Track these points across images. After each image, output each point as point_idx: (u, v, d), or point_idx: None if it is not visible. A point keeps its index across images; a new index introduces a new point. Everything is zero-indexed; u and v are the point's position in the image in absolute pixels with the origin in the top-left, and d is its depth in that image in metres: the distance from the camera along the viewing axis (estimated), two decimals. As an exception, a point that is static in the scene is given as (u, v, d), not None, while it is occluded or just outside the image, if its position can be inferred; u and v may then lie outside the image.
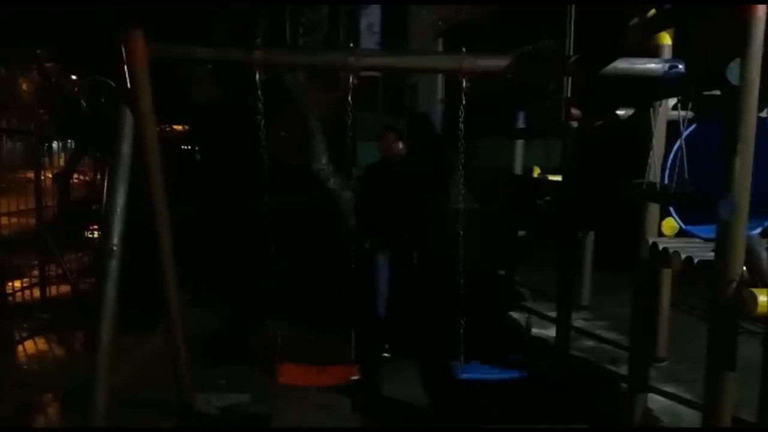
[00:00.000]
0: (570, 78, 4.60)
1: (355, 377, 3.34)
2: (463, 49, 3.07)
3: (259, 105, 3.10)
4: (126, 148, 3.14)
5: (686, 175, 2.73)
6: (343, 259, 3.39)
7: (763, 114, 3.00)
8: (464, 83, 3.06)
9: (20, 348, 4.95)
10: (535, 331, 5.12)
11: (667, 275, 4.01)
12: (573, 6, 5.08)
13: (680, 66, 3.05)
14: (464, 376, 3.37)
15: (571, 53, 4.80)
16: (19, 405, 3.91)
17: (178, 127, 10.94)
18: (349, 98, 3.21)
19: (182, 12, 6.90)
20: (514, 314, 5.56)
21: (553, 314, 5.02)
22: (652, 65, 3.11)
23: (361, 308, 4.15)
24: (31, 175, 6.30)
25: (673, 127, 3.07)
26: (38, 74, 8.77)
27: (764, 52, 2.28)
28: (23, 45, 8.43)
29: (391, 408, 3.83)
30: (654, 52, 3.23)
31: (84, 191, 8.18)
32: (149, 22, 3.08)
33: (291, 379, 3.21)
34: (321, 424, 3.69)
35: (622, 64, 3.09)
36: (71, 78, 8.44)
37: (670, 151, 3.04)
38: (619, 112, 3.67)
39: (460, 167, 3.30)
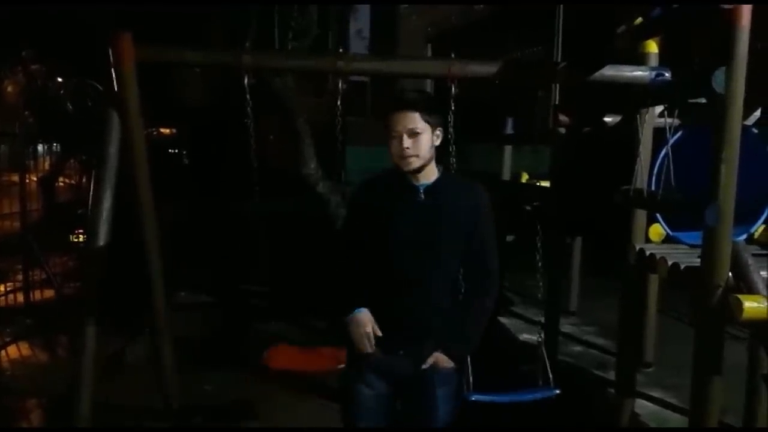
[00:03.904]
0: (558, 84, 4.63)
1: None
2: (452, 55, 3.09)
3: (248, 109, 3.09)
4: (113, 151, 3.12)
5: (673, 182, 2.75)
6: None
7: (749, 122, 3.04)
8: (453, 89, 3.06)
9: (4, 353, 4.88)
10: (523, 336, 5.13)
11: (653, 281, 4.04)
12: (561, 13, 5.12)
13: (666, 74, 3.09)
14: (475, 398, 2.73)
15: (559, 60, 4.84)
16: (3, 410, 3.86)
17: (166, 131, 10.87)
18: (339, 103, 3.20)
19: (171, 15, 6.87)
20: (504, 320, 5.57)
21: (542, 319, 5.03)
22: (638, 73, 3.15)
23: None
24: (15, 177, 6.23)
25: (659, 134, 3.10)
26: (24, 76, 8.68)
27: (749, 60, 2.31)
28: (9, 46, 8.34)
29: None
30: (641, 59, 3.26)
31: (69, 194, 8.10)
32: (138, 25, 3.07)
33: (282, 363, 3.18)
34: (314, 424, 3.66)
35: (610, 72, 3.12)
36: (57, 80, 8.36)
37: (657, 157, 3.06)
38: (607, 119, 3.69)
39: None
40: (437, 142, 2.13)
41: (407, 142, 2.06)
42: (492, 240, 2.18)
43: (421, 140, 2.07)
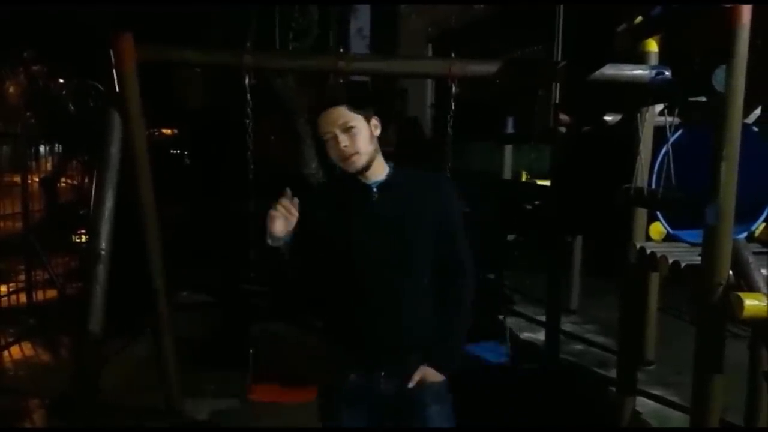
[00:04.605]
0: (558, 84, 4.64)
1: None
2: (453, 55, 3.09)
3: (248, 109, 3.09)
4: (114, 152, 3.14)
5: (673, 180, 2.76)
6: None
7: (749, 120, 3.04)
8: (454, 88, 3.07)
9: (6, 353, 4.89)
10: (525, 335, 5.14)
11: (654, 279, 4.04)
12: (561, 13, 5.13)
13: (666, 72, 3.09)
14: None
15: (560, 59, 4.84)
16: (5, 410, 3.87)
17: (167, 131, 10.88)
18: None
19: (171, 16, 6.88)
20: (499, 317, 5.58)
21: (542, 318, 5.04)
22: (638, 71, 3.15)
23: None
24: (17, 178, 6.24)
25: (660, 133, 3.10)
26: (26, 77, 8.70)
27: (749, 58, 2.31)
28: (10, 47, 8.36)
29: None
30: (641, 58, 3.27)
31: (71, 195, 8.11)
32: (138, 25, 3.07)
33: (263, 397, 3.20)
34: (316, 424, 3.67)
35: (610, 71, 3.13)
36: (59, 81, 8.38)
37: (658, 156, 3.07)
38: (607, 118, 3.70)
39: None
40: (377, 133, 1.92)
41: (344, 139, 1.85)
42: (461, 231, 2.00)
43: (356, 134, 1.86)
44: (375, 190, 1.92)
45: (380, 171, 1.94)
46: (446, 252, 1.96)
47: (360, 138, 1.87)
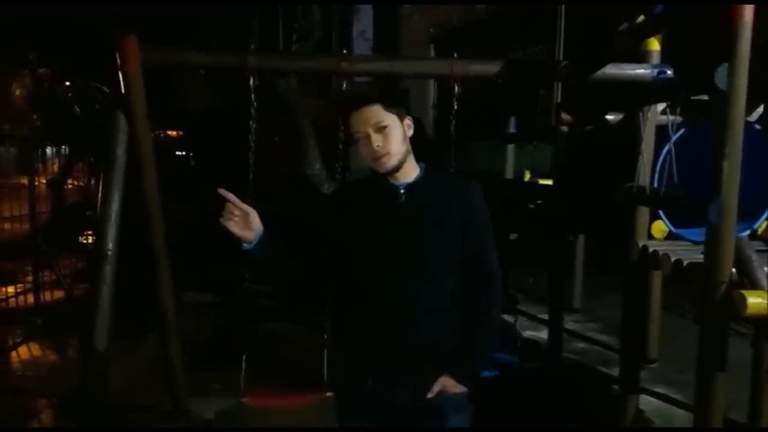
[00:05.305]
0: (560, 83, 4.65)
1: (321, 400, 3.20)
2: (455, 55, 3.11)
3: (252, 111, 3.11)
4: (120, 153, 3.16)
5: (676, 179, 2.77)
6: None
7: (751, 118, 3.05)
8: (456, 88, 3.09)
9: (14, 354, 4.93)
10: (527, 333, 5.14)
11: (657, 277, 4.04)
12: (563, 12, 5.14)
13: (668, 71, 3.10)
14: None
15: (561, 59, 4.85)
16: (12, 411, 3.90)
17: (173, 133, 10.92)
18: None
19: (174, 17, 6.90)
20: (506, 317, 5.59)
21: (545, 317, 5.05)
22: (640, 70, 3.16)
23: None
24: (24, 180, 6.28)
25: (662, 131, 3.12)
26: (31, 79, 8.74)
27: (752, 56, 2.32)
28: (16, 49, 8.40)
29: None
30: (643, 57, 3.28)
31: (78, 196, 8.15)
32: (143, 28, 3.10)
33: (255, 402, 3.23)
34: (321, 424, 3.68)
35: (611, 70, 3.14)
36: (64, 83, 8.41)
37: (660, 154, 3.08)
38: (609, 117, 3.71)
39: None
40: (410, 133, 1.88)
41: (376, 139, 1.79)
42: (490, 241, 1.92)
43: (390, 134, 1.80)
44: (402, 191, 1.86)
45: (411, 172, 1.88)
46: (472, 260, 1.89)
47: (393, 138, 1.81)
